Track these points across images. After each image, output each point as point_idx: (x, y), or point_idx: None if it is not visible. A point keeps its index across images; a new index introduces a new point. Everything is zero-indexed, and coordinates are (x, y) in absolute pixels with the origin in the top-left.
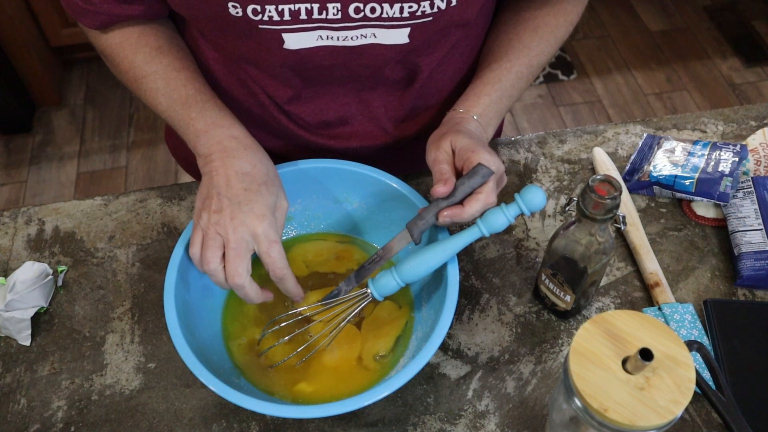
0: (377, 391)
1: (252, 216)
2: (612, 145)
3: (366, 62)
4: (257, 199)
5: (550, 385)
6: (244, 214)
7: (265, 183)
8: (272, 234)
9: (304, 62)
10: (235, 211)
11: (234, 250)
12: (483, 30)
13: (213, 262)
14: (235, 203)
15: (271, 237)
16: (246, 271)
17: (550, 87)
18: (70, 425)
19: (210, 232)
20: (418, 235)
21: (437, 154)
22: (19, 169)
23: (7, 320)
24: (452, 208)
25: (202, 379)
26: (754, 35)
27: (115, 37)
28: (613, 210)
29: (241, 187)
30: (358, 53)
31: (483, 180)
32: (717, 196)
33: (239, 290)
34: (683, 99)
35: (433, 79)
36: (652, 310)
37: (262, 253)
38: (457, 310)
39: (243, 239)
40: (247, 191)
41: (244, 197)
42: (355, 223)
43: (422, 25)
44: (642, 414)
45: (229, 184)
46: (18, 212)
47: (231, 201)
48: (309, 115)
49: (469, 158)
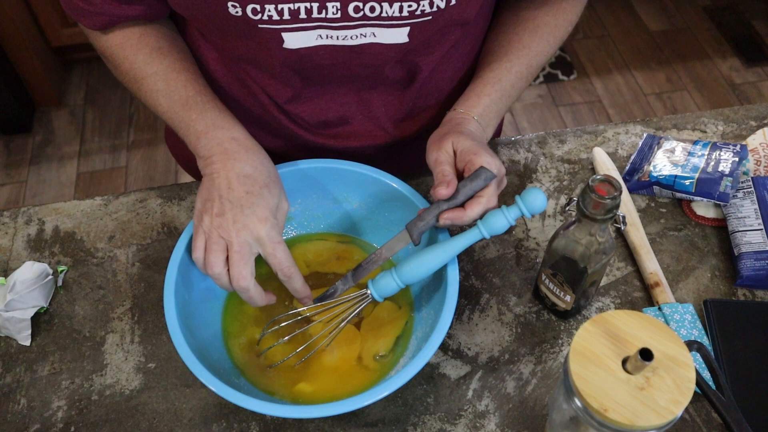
0: (377, 391)
1: (255, 219)
2: (612, 145)
3: (366, 61)
4: (259, 201)
5: (550, 385)
6: (247, 218)
7: (266, 185)
8: (275, 236)
9: (303, 61)
10: (237, 215)
11: (238, 253)
12: (482, 30)
13: (217, 266)
14: (237, 206)
15: (275, 239)
16: (250, 274)
17: (550, 87)
18: (70, 425)
19: (213, 236)
20: (418, 236)
21: (438, 154)
22: (19, 169)
23: (7, 320)
24: (453, 210)
25: (202, 379)
26: (754, 35)
27: (116, 38)
28: (613, 210)
29: (243, 189)
30: (357, 52)
31: (485, 183)
32: (717, 196)
33: (244, 293)
34: (683, 99)
35: (432, 79)
36: (652, 310)
37: (268, 255)
38: (457, 310)
39: (246, 242)
40: (248, 194)
41: (246, 200)
42: (355, 223)
43: (422, 24)
44: (642, 414)
45: (231, 186)
46: (18, 212)
47: (233, 204)
48: (309, 115)
49: (471, 160)
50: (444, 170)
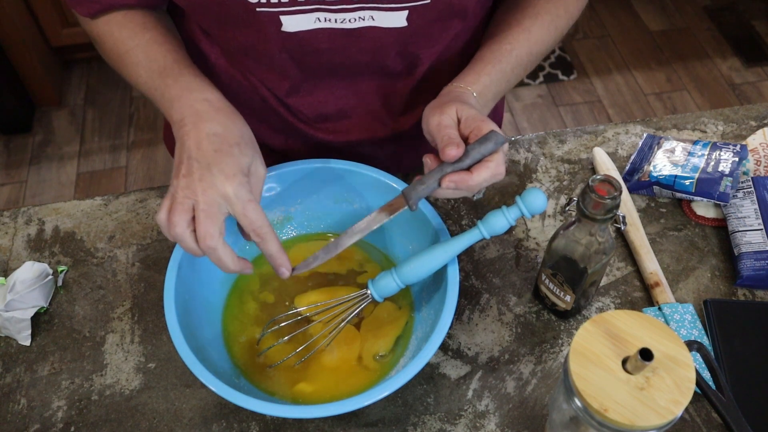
0: (377, 391)
1: (222, 177)
2: (612, 145)
3: (364, 46)
4: (228, 160)
5: (550, 385)
6: (214, 176)
7: (237, 144)
8: (245, 194)
9: (302, 47)
10: (204, 173)
11: (204, 211)
12: (482, 24)
13: (179, 226)
14: (205, 165)
15: (244, 197)
16: (218, 233)
17: (550, 87)
18: (70, 425)
19: (178, 197)
20: (415, 201)
21: (442, 119)
22: (19, 169)
23: (7, 320)
24: (459, 173)
25: (202, 379)
26: (754, 35)
27: (105, 17)
28: (613, 210)
29: (212, 148)
30: (356, 36)
31: (495, 147)
32: (717, 196)
33: (212, 254)
34: (683, 99)
35: (432, 73)
36: (652, 310)
37: (238, 214)
38: (457, 310)
39: (214, 201)
40: (217, 152)
41: (214, 158)
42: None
43: (420, 8)
44: (642, 414)
45: (200, 146)
46: (18, 212)
47: (200, 163)
48: (308, 109)
49: (479, 126)
50: (450, 133)
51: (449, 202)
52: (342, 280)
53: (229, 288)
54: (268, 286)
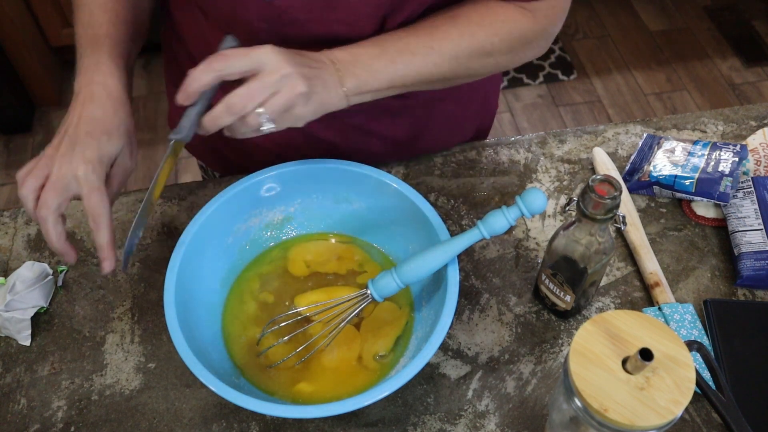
0: (377, 391)
1: (79, 158)
2: (612, 145)
3: (341, 17)
4: (93, 144)
5: (550, 385)
6: (74, 155)
7: (108, 133)
8: (94, 180)
9: (279, 16)
10: (67, 150)
11: (51, 183)
12: None
13: (26, 188)
14: (72, 143)
15: (93, 183)
16: (56, 207)
17: (550, 87)
18: (70, 425)
19: (40, 163)
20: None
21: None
22: (19, 169)
23: (7, 320)
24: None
25: (202, 379)
26: (754, 35)
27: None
28: (613, 210)
29: (85, 129)
30: (333, 7)
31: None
32: (717, 196)
33: (42, 223)
34: (683, 99)
35: None
36: (652, 310)
37: (83, 196)
38: (457, 310)
39: (64, 177)
40: (87, 135)
41: (82, 140)
42: (355, 223)
43: None
44: (642, 414)
45: (77, 125)
46: (18, 212)
47: (70, 140)
48: None
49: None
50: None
51: (449, 202)
52: (342, 280)
53: (229, 288)
54: (268, 286)
